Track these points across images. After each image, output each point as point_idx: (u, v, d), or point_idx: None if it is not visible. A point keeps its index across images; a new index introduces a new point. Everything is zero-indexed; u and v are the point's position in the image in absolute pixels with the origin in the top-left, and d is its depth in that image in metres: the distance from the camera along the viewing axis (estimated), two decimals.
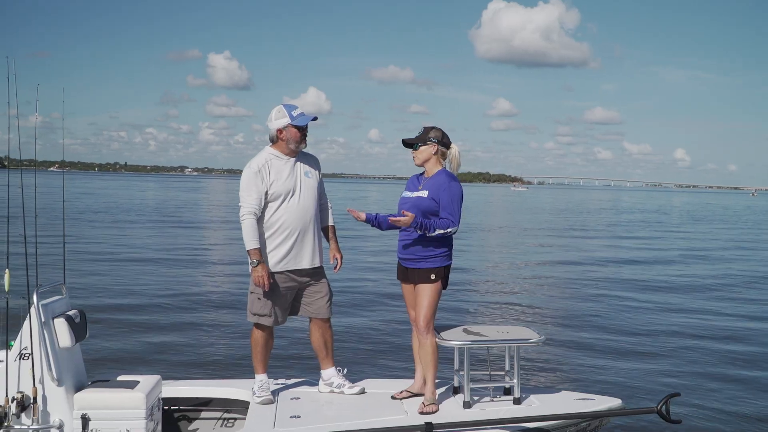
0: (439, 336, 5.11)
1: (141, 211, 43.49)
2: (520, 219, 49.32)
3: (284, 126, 5.27)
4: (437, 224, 4.94)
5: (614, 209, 70.87)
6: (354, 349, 9.79)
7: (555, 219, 50.07)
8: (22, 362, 4.60)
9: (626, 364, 9.38)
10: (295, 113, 5.28)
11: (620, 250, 26.62)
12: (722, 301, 14.96)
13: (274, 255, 5.24)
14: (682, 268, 20.88)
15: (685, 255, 24.90)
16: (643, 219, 51.77)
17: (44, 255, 5.12)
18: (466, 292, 15.40)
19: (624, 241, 31.15)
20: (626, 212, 64.09)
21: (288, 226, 5.22)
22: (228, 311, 12.19)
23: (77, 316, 4.93)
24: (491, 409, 5.00)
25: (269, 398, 5.25)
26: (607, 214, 60.26)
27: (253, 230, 5.15)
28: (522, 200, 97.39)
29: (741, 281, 18.26)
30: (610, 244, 29.47)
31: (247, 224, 5.15)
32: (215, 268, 18.78)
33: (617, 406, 5.10)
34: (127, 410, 4.67)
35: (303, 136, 5.31)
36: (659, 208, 78.25)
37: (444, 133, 5.22)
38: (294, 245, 5.25)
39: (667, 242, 30.91)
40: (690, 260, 23.26)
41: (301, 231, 5.26)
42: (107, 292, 13.90)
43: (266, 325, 5.32)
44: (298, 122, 5.26)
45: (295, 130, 5.26)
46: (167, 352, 9.55)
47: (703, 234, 37.51)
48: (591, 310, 13.50)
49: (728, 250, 27.46)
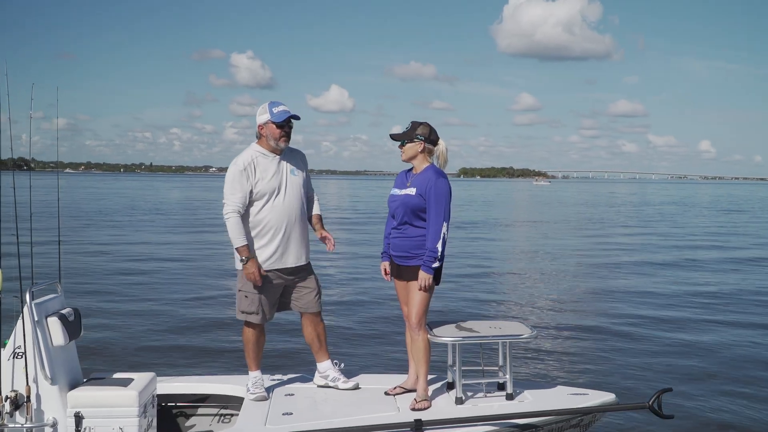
0: (431, 332, 5.11)
1: (162, 212, 43.82)
2: (534, 213, 49.20)
3: (264, 122, 5.27)
4: (432, 243, 4.95)
5: (627, 203, 70.25)
6: (349, 344, 9.84)
7: (568, 211, 49.96)
8: (15, 361, 4.65)
9: (623, 358, 9.35)
10: (276, 110, 5.26)
11: (633, 243, 26.47)
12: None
13: (259, 254, 5.26)
14: (693, 264, 20.69)
15: (698, 247, 24.67)
16: (658, 211, 51.41)
17: (51, 254, 5.21)
18: (469, 285, 15.44)
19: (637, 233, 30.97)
20: (640, 205, 63.72)
21: (273, 224, 5.24)
22: (227, 308, 12.23)
23: (71, 314, 4.97)
24: (483, 404, 5.00)
25: (263, 395, 5.28)
26: (621, 206, 59.96)
27: (239, 228, 5.16)
28: (543, 194, 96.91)
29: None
30: (623, 234, 29.34)
31: (232, 222, 5.16)
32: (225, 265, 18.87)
33: (611, 401, 5.07)
34: (119, 408, 4.70)
35: (283, 134, 5.27)
36: (682, 199, 77.61)
37: (432, 129, 5.19)
38: (280, 244, 5.27)
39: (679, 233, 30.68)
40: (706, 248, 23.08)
41: (286, 230, 5.28)
42: (113, 290, 14.15)
43: (254, 322, 5.35)
44: (276, 118, 5.23)
45: (273, 126, 5.24)
46: (167, 349, 9.65)
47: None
48: (591, 304, 13.53)
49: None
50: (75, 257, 18.74)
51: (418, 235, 5.04)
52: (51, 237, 5.30)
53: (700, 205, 65.10)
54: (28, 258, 4.93)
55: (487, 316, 11.76)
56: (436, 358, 5.56)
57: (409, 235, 5.08)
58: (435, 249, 4.93)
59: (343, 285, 15.24)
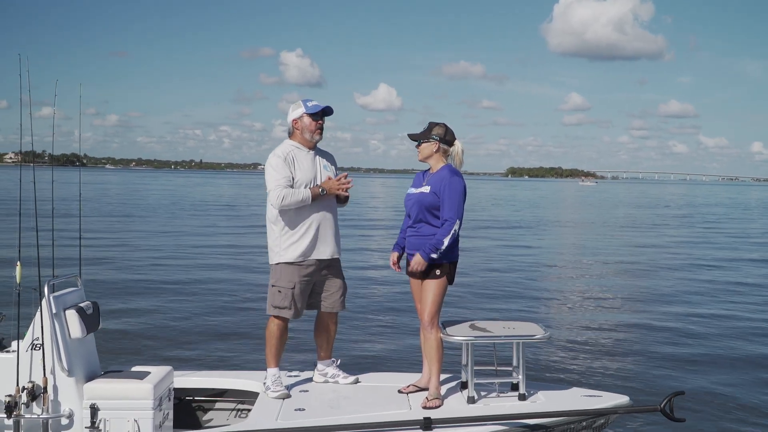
0: (444, 331, 5.11)
1: (204, 207, 44.32)
2: (571, 213, 49.02)
3: (299, 116, 5.41)
4: (440, 235, 4.97)
5: (669, 205, 69.14)
6: (365, 342, 9.89)
7: (608, 213, 49.43)
8: (33, 353, 4.75)
9: (643, 359, 9.27)
10: (310, 104, 5.43)
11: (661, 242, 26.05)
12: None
13: (297, 246, 5.31)
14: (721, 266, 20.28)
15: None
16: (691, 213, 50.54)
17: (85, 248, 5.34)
18: (488, 284, 15.48)
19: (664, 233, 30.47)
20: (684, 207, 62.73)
21: (311, 215, 5.31)
22: (255, 303, 12.38)
23: (89, 307, 5.07)
24: (494, 404, 4.98)
25: (285, 392, 5.28)
26: (663, 208, 59.09)
27: (293, 191, 5.21)
28: (584, 195, 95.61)
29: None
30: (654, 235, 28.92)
31: (288, 193, 5.19)
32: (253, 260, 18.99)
33: (625, 403, 5.01)
34: (134, 401, 4.77)
35: (318, 127, 5.41)
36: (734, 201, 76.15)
37: (448, 129, 5.22)
38: (316, 235, 5.33)
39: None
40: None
41: (322, 221, 5.35)
42: (142, 284, 14.46)
43: (286, 317, 5.38)
44: (311, 110, 5.38)
45: (309, 119, 5.38)
46: (190, 342, 9.79)
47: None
48: (627, 303, 13.42)
49: None
50: (120, 251, 19.17)
51: (433, 233, 5.05)
52: (92, 233, 5.41)
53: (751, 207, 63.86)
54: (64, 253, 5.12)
55: (507, 316, 11.65)
56: (452, 357, 5.56)
57: (423, 234, 5.10)
58: (441, 242, 4.95)
59: (373, 284, 15.30)
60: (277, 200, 5.21)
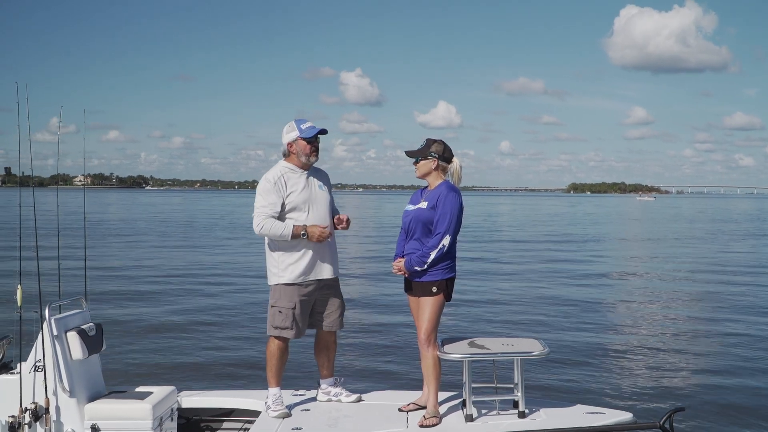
0: (442, 349, 5.07)
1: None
2: (614, 229, 48.57)
3: (293, 139, 5.41)
4: (428, 249, 4.97)
5: (720, 219, 67.70)
6: (365, 360, 9.87)
7: (657, 228, 48.85)
8: (36, 374, 4.86)
9: (651, 376, 9.18)
10: (304, 126, 5.42)
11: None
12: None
13: (296, 267, 5.33)
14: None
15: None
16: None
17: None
18: (493, 300, 15.43)
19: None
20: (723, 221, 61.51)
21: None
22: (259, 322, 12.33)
23: (92, 329, 5.16)
24: (493, 422, 4.92)
25: (285, 412, 5.29)
26: (712, 223, 58.07)
27: (275, 222, 5.24)
28: (637, 211, 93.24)
29: None
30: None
31: (269, 223, 5.24)
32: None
33: (627, 420, 4.91)
34: (134, 420, 4.85)
35: (313, 149, 5.41)
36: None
37: (446, 146, 5.21)
38: (314, 255, 5.35)
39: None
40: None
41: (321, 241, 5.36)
42: (158, 305, 14.59)
43: (288, 337, 5.40)
44: (305, 134, 5.38)
45: (304, 143, 5.38)
46: (197, 363, 9.85)
47: None
48: (626, 321, 13.39)
49: None
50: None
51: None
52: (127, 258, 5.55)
53: None
54: (79, 277, 5.29)
55: (510, 333, 11.55)
56: (454, 375, 5.51)
57: (418, 251, 5.07)
58: (427, 254, 4.96)
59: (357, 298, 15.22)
60: (257, 227, 5.28)
